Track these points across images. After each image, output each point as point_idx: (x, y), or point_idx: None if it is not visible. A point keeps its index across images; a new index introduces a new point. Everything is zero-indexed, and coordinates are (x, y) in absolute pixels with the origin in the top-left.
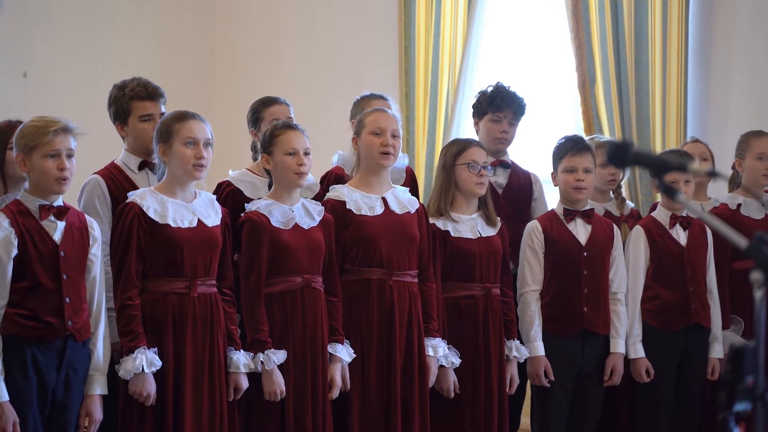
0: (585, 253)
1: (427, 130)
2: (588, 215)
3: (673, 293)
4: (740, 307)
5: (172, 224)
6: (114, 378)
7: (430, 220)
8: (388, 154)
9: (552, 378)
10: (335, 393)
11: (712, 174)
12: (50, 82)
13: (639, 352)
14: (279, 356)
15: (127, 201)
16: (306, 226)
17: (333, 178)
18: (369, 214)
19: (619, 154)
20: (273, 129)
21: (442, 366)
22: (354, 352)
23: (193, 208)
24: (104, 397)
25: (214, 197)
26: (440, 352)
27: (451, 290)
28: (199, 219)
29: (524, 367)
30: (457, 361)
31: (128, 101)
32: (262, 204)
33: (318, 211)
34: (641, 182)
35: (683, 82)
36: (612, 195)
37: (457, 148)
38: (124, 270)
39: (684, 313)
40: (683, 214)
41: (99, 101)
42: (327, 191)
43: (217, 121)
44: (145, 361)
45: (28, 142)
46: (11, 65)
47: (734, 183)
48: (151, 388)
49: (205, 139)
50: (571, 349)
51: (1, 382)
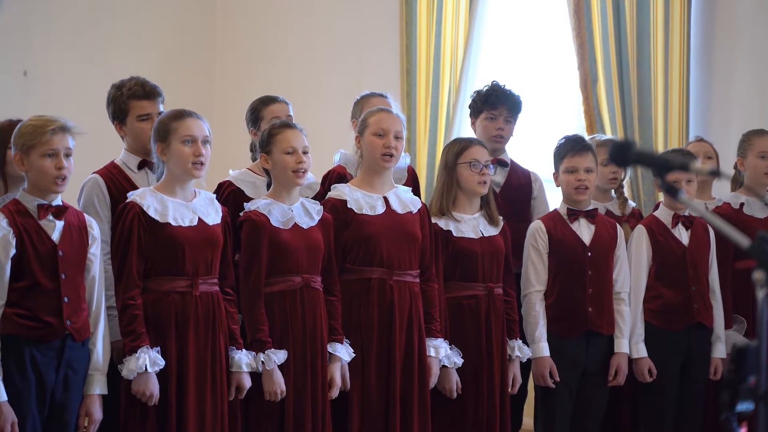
0: (589, 254)
1: (429, 129)
2: (592, 215)
3: (676, 293)
4: (743, 306)
5: (173, 223)
6: (113, 378)
7: (432, 220)
8: (390, 156)
9: (557, 379)
10: (335, 392)
11: (714, 173)
12: (50, 81)
13: (641, 351)
14: (279, 356)
15: (127, 201)
16: (305, 226)
17: (335, 177)
18: (370, 214)
19: (621, 154)
20: (271, 128)
21: (444, 366)
22: (354, 352)
23: (194, 207)
24: (104, 396)
25: (214, 196)
26: (442, 353)
27: (453, 290)
28: (199, 218)
29: (526, 367)
30: (460, 361)
31: (126, 101)
32: (261, 203)
33: (317, 210)
34: (643, 181)
35: (685, 80)
36: (614, 194)
37: (459, 147)
38: (125, 270)
39: (686, 312)
40: (686, 214)
41: (99, 100)
42: (328, 190)
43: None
44: (148, 360)
45: (26, 142)
46: (11, 64)
47: (737, 182)
48: (154, 387)
49: (203, 136)
50: (576, 350)
51: (0, 383)
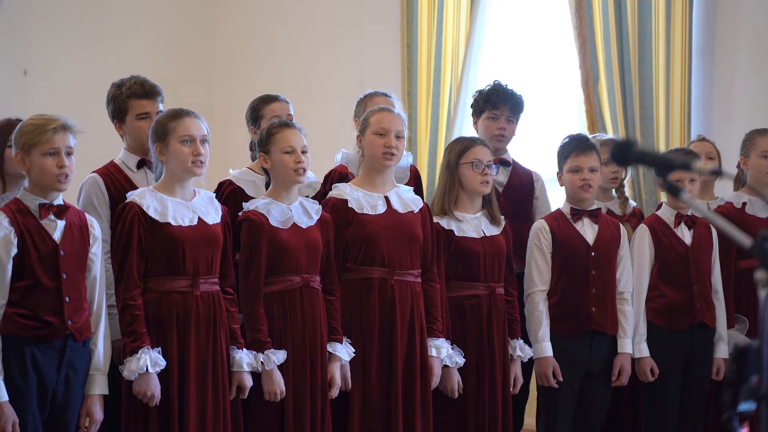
0: (593, 253)
1: (430, 128)
2: (595, 215)
3: (678, 292)
4: (745, 306)
5: (173, 223)
6: (114, 377)
7: (434, 219)
8: (392, 155)
9: (560, 379)
10: (335, 392)
11: (717, 172)
12: (50, 80)
13: (644, 351)
14: (279, 356)
15: (127, 201)
16: (304, 225)
17: (336, 176)
18: (371, 213)
19: (623, 153)
20: (269, 128)
21: (446, 366)
22: (355, 352)
23: (193, 207)
24: (105, 396)
25: (213, 195)
26: (443, 353)
27: (455, 290)
28: (199, 217)
29: (528, 367)
30: (461, 360)
31: (125, 99)
32: (260, 203)
33: (316, 210)
34: (645, 181)
35: (687, 79)
36: (614, 194)
37: (461, 146)
38: (125, 270)
39: (689, 312)
40: (688, 213)
41: (99, 99)
42: (330, 190)
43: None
44: (149, 361)
45: (27, 141)
46: (11, 63)
47: (739, 182)
48: (155, 388)
49: (202, 135)
50: (579, 350)
51: (1, 383)
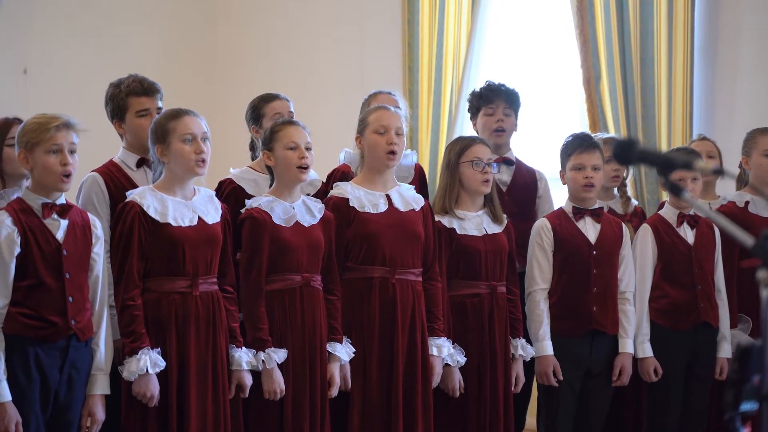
0: (594, 252)
1: (431, 128)
2: (597, 214)
3: (681, 292)
4: (748, 305)
5: (173, 223)
6: (115, 378)
7: (436, 218)
8: (394, 153)
9: (561, 378)
10: (334, 392)
11: (719, 172)
12: (51, 79)
13: (647, 351)
14: (280, 355)
15: (127, 200)
16: (307, 224)
17: (339, 175)
18: (372, 212)
19: (625, 152)
20: (273, 125)
21: (447, 365)
22: (355, 351)
23: (193, 206)
24: (106, 396)
25: (213, 193)
26: (445, 352)
27: (456, 288)
28: (199, 217)
29: (530, 367)
30: (463, 359)
31: (124, 98)
32: (263, 201)
33: (319, 208)
34: (647, 180)
35: (689, 78)
36: (616, 193)
37: (461, 145)
38: (125, 270)
39: (692, 312)
40: (691, 213)
41: (99, 98)
42: (332, 189)
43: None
44: (149, 362)
45: (30, 139)
46: (12, 62)
47: (741, 181)
48: (155, 389)
49: (202, 133)
50: (579, 349)
51: (4, 383)
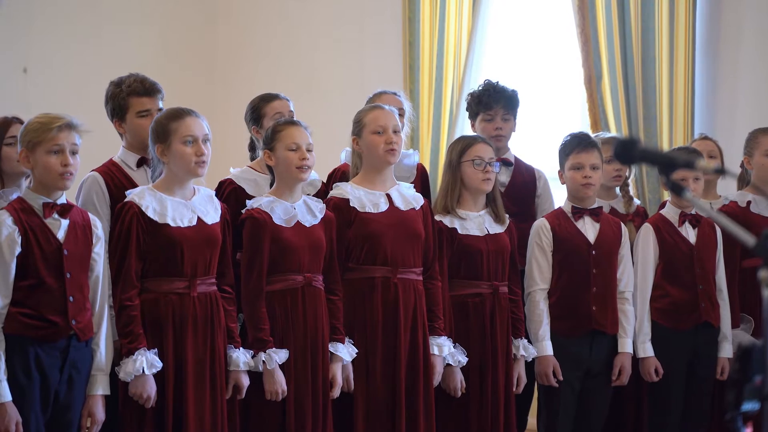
0: (594, 252)
1: (432, 127)
2: (596, 213)
3: (683, 292)
4: (750, 305)
5: (172, 223)
6: (114, 377)
7: (437, 218)
8: (394, 151)
9: (561, 378)
10: (336, 392)
11: (721, 171)
12: (51, 78)
13: (648, 351)
14: (281, 355)
15: (126, 200)
16: (308, 224)
17: (340, 175)
18: (373, 211)
19: (626, 151)
20: (275, 125)
21: (448, 365)
22: (357, 351)
23: (193, 206)
24: (106, 397)
25: (213, 193)
26: (445, 351)
27: (458, 288)
28: (198, 217)
29: (532, 367)
30: (464, 359)
31: (125, 97)
32: (264, 201)
33: (320, 208)
34: (648, 179)
35: (690, 77)
36: (618, 192)
37: (462, 145)
38: (123, 270)
39: (693, 311)
40: (692, 212)
41: (99, 98)
42: (333, 188)
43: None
44: (146, 362)
45: (32, 139)
46: (12, 61)
47: (743, 181)
48: (151, 390)
49: (204, 134)
50: (579, 349)
51: (4, 383)
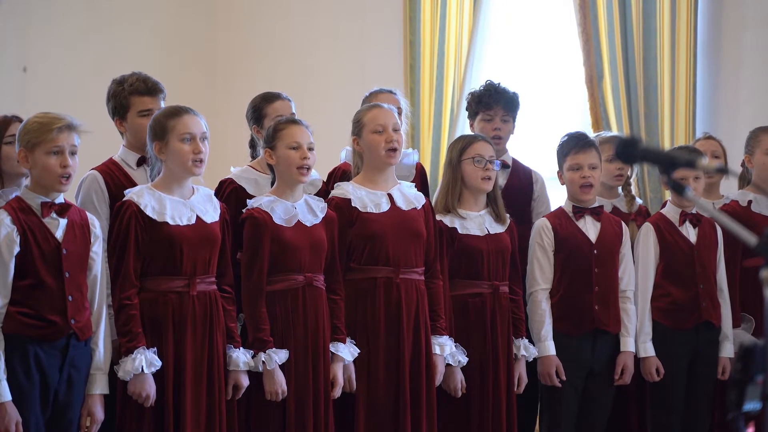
0: (595, 251)
1: (432, 126)
2: (597, 212)
3: (683, 291)
4: (751, 305)
5: (170, 222)
6: (113, 377)
7: (438, 217)
8: (395, 150)
9: (563, 378)
10: (337, 392)
11: (723, 170)
12: (50, 77)
13: (649, 350)
14: (281, 356)
15: (124, 199)
16: (309, 224)
17: (340, 174)
18: (375, 211)
19: (627, 150)
20: (277, 124)
21: (449, 364)
22: (359, 351)
23: (192, 205)
24: (105, 396)
25: (212, 192)
26: (447, 350)
27: (458, 288)
28: (197, 216)
29: (535, 371)
30: (464, 359)
31: (127, 96)
32: (264, 200)
33: (321, 208)
34: (650, 179)
35: (692, 77)
36: (620, 191)
37: (463, 143)
38: (122, 269)
39: (694, 311)
40: (693, 212)
41: (99, 96)
42: (333, 187)
43: (218, 117)
44: (145, 361)
45: (32, 139)
46: (11, 60)
47: (744, 180)
48: (150, 389)
49: (201, 133)
50: (582, 348)
51: (4, 382)
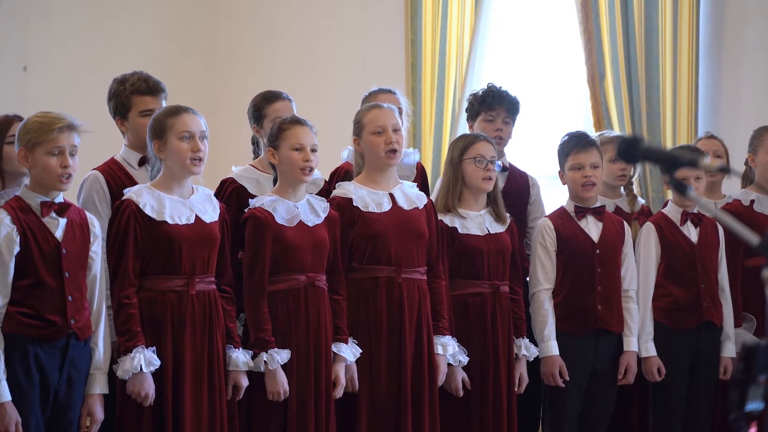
0: (598, 251)
1: (434, 125)
2: (599, 212)
3: (685, 291)
4: (753, 304)
5: (170, 221)
6: (113, 377)
7: (438, 217)
8: (394, 151)
9: (567, 378)
10: (339, 392)
11: (725, 170)
12: (50, 76)
13: (650, 350)
14: (282, 356)
15: (123, 198)
16: (311, 224)
17: (343, 173)
18: (376, 211)
19: (630, 150)
20: (281, 123)
21: (450, 364)
22: (361, 351)
23: (191, 204)
24: (105, 396)
25: (212, 192)
26: (450, 350)
27: (458, 287)
28: (196, 215)
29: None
30: (465, 359)
31: (128, 96)
32: (266, 200)
33: (323, 207)
34: (652, 178)
35: (694, 76)
36: (623, 191)
37: (464, 143)
38: (121, 268)
39: (696, 310)
40: (694, 211)
41: (100, 95)
42: (335, 187)
43: (219, 117)
44: (143, 360)
45: (32, 138)
46: (11, 59)
47: (747, 179)
48: (149, 388)
49: (201, 131)
50: (585, 348)
51: (3, 383)
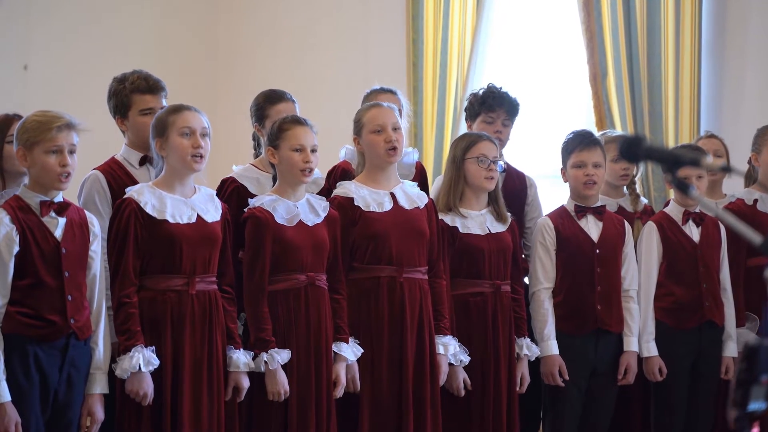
0: (597, 250)
1: (436, 124)
2: (599, 212)
3: (687, 290)
4: (755, 304)
5: (171, 220)
6: (112, 376)
7: (439, 216)
8: (394, 149)
9: (566, 377)
10: (339, 392)
11: (727, 169)
12: (51, 75)
13: (652, 350)
14: (283, 356)
15: (125, 197)
16: (311, 223)
17: (340, 172)
18: (378, 211)
19: (632, 149)
20: (282, 122)
21: (451, 364)
22: (362, 351)
23: (192, 204)
24: (105, 396)
25: (214, 192)
26: (451, 350)
27: (459, 287)
28: (198, 214)
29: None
30: (466, 359)
31: (129, 94)
32: (266, 200)
33: (323, 207)
34: (654, 177)
35: (696, 75)
36: (626, 191)
37: (467, 142)
38: (121, 267)
39: (697, 310)
40: (696, 210)
41: (100, 94)
42: (333, 185)
43: (220, 116)
44: (142, 359)
45: (30, 137)
46: (12, 58)
47: (750, 178)
48: (148, 387)
49: (202, 128)
50: (585, 348)
51: (3, 383)
